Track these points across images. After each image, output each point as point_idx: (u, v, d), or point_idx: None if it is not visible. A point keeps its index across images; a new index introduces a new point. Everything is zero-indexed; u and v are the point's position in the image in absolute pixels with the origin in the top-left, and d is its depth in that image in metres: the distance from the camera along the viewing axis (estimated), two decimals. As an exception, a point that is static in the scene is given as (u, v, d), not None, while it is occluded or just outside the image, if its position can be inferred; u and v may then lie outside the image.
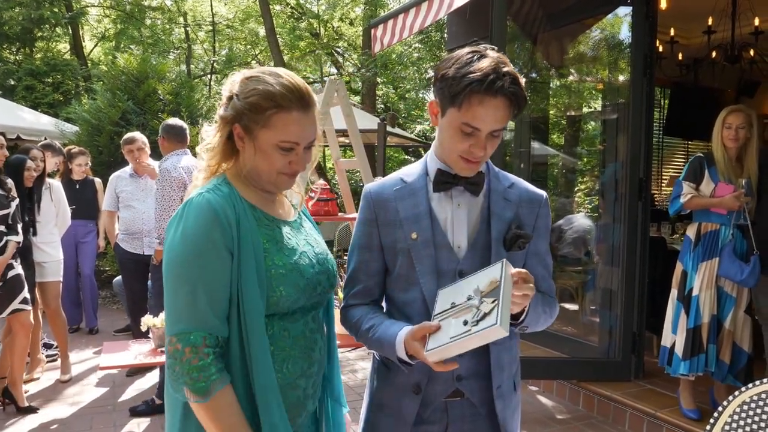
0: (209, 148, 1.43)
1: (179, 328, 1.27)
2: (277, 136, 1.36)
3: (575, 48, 5.52)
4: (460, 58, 1.40)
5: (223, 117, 1.40)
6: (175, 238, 1.31)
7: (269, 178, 1.42)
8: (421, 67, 15.49)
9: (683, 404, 3.59)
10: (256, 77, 1.38)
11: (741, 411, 1.87)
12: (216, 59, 19.34)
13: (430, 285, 1.47)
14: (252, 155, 1.39)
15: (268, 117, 1.34)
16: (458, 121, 1.40)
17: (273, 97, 1.35)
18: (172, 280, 1.30)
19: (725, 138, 3.47)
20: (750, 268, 3.35)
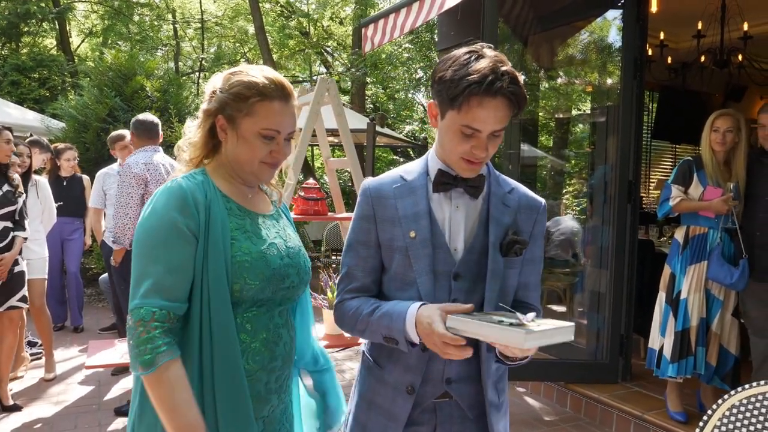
0: (191, 143, 1.49)
1: (133, 304, 1.32)
2: (259, 124, 1.42)
3: (566, 50, 5.53)
4: (458, 59, 1.38)
5: (206, 110, 1.47)
6: (143, 218, 1.39)
7: (251, 167, 1.46)
8: (411, 68, 15.49)
9: (670, 407, 3.61)
10: (239, 71, 1.46)
11: (730, 414, 1.87)
12: (204, 57, 19.21)
13: (427, 285, 1.46)
14: (234, 145, 1.45)
15: (251, 105, 1.41)
16: (458, 123, 1.39)
17: (256, 86, 1.42)
18: (134, 259, 1.37)
19: (713, 142, 3.50)
20: (739, 272, 3.37)
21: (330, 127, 4.19)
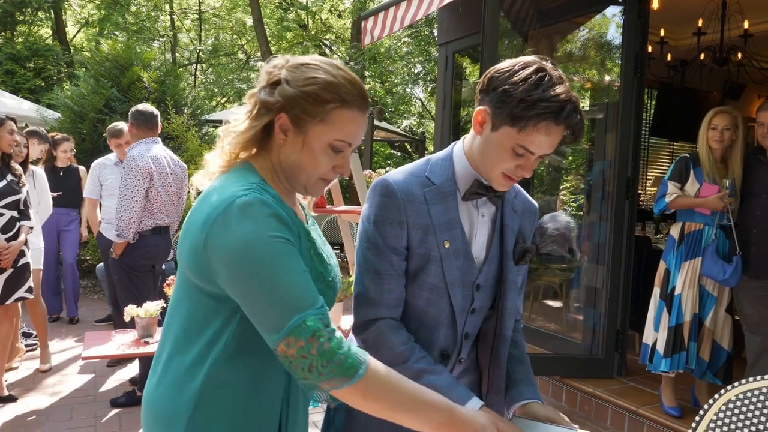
0: (239, 133, 1.25)
1: (289, 325, 1.09)
2: (332, 134, 1.22)
3: (566, 46, 5.53)
4: (528, 78, 1.29)
5: (266, 102, 1.22)
6: (237, 240, 1.11)
7: (308, 180, 1.27)
8: (409, 62, 15.46)
9: (664, 401, 3.63)
10: (313, 65, 1.24)
11: (726, 410, 1.88)
12: (202, 48, 19.14)
13: (458, 297, 1.42)
14: (295, 151, 1.24)
15: (328, 111, 1.21)
16: (513, 142, 1.32)
17: (336, 89, 1.21)
18: (255, 288, 1.11)
19: (711, 139, 3.50)
20: (732, 269, 3.39)
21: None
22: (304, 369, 1.09)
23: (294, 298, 1.10)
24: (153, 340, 3.02)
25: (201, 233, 1.15)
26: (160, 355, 1.29)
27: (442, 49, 5.80)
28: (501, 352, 1.51)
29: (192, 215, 1.21)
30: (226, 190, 1.17)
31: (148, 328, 3.03)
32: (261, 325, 1.12)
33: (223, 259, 1.13)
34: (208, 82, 18.58)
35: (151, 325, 3.04)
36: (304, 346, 1.08)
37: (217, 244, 1.13)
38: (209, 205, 1.16)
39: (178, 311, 1.27)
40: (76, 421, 3.70)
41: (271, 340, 1.11)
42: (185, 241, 1.21)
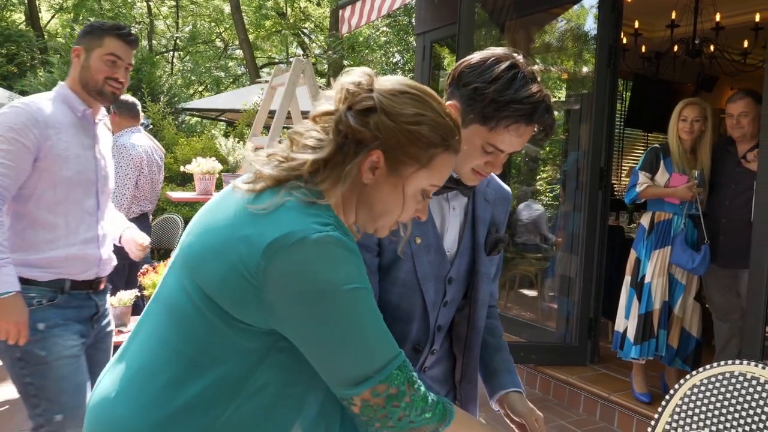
0: (316, 158, 1.03)
1: (382, 373, 1.00)
2: (430, 180, 1.09)
3: (542, 37, 5.57)
4: (499, 76, 1.26)
5: (359, 134, 1.02)
6: (318, 283, 0.96)
7: (386, 223, 1.12)
8: (388, 51, 15.43)
9: (635, 388, 3.70)
10: (415, 95, 1.06)
11: (691, 394, 1.93)
12: (179, 36, 18.91)
13: (431, 291, 1.41)
14: (385, 194, 1.07)
15: (431, 156, 1.06)
16: (483, 140, 1.30)
17: (444, 131, 1.07)
18: (338, 334, 0.99)
19: (680, 130, 3.56)
20: (701, 257, 3.46)
21: (306, 110, 4.17)
22: (391, 418, 1.00)
23: (381, 347, 1.01)
24: (126, 329, 3.01)
25: (260, 258, 0.95)
26: (131, 366, 1.10)
27: (419, 39, 5.80)
28: (474, 343, 1.52)
29: (234, 228, 1.01)
30: (297, 217, 0.98)
31: (121, 317, 3.01)
32: (339, 373, 1.00)
33: (292, 297, 0.96)
34: (186, 70, 18.38)
35: (124, 314, 3.03)
36: (397, 394, 1.00)
37: (286, 278, 0.95)
38: (275, 227, 0.97)
39: (171, 328, 1.06)
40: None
41: (350, 390, 0.99)
42: (216, 256, 1.01)
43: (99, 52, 2.11)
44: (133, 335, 1.15)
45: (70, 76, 2.18)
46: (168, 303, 1.08)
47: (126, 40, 2.15)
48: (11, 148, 1.96)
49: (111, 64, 2.12)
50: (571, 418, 3.79)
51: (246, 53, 14.89)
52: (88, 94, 2.14)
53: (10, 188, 1.97)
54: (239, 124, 7.64)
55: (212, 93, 17.19)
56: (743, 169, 3.47)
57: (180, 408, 1.02)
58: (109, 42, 2.12)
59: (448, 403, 1.07)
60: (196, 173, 3.39)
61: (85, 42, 2.13)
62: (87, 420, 1.13)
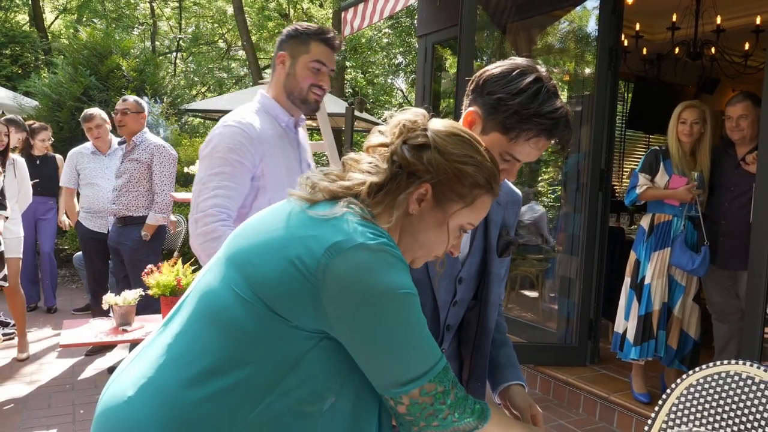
0: (371, 182, 1.10)
1: (432, 371, 1.04)
2: (469, 218, 1.16)
3: (544, 39, 5.59)
4: (525, 89, 1.29)
5: (413, 165, 1.10)
6: (377, 284, 1.00)
7: (425, 256, 1.20)
8: (390, 53, 15.47)
9: (635, 388, 3.73)
10: (466, 138, 1.15)
11: (688, 393, 1.96)
12: (182, 37, 18.96)
13: (441, 291, 1.44)
14: (428, 227, 1.14)
15: (475, 196, 1.14)
16: (502, 149, 1.33)
17: (488, 173, 1.15)
18: (392, 332, 1.02)
19: (680, 132, 3.59)
20: (701, 259, 3.48)
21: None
22: (437, 416, 1.05)
23: (430, 348, 1.06)
24: (131, 328, 3.04)
25: (321, 257, 0.99)
26: (156, 360, 1.09)
27: (421, 41, 5.83)
28: (484, 343, 1.54)
29: (292, 230, 1.05)
30: (357, 225, 1.03)
31: (126, 316, 3.04)
32: (391, 373, 1.03)
33: (349, 298, 1.00)
34: (188, 71, 18.43)
35: (129, 313, 3.05)
36: (444, 392, 1.05)
37: (344, 279, 0.99)
38: (337, 231, 1.01)
39: (207, 324, 1.07)
40: (54, 409, 3.71)
41: (400, 389, 1.03)
42: (272, 253, 1.04)
43: (305, 59, 2.00)
44: (161, 330, 1.15)
45: (273, 84, 2.08)
46: (206, 298, 1.09)
47: (331, 45, 2.04)
48: (234, 170, 1.93)
49: (316, 71, 2.02)
50: (571, 418, 3.81)
51: (249, 54, 14.93)
52: (292, 103, 2.06)
53: (235, 210, 1.94)
54: (242, 125, 7.66)
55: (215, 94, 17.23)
56: (742, 172, 3.49)
57: (207, 403, 1.02)
58: (314, 47, 2.01)
59: (484, 403, 1.12)
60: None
61: (290, 48, 2.02)
62: (100, 419, 1.11)
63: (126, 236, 4.09)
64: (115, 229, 4.20)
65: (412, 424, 1.05)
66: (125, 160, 4.13)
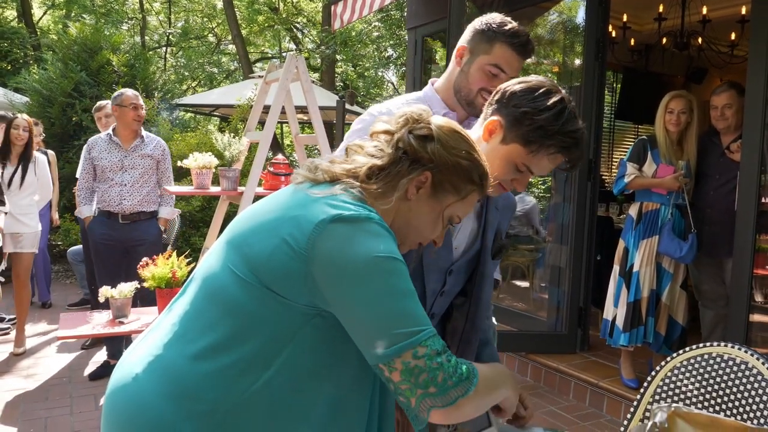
0: (372, 164, 1.17)
1: (424, 333, 1.04)
2: (459, 212, 1.24)
3: (532, 31, 5.63)
4: (551, 107, 1.36)
5: (417, 152, 1.17)
6: (366, 251, 1.05)
7: (413, 241, 1.25)
8: (380, 46, 15.47)
9: (623, 374, 3.80)
10: (467, 139, 1.23)
11: (672, 375, 2.02)
12: (172, 31, 18.88)
13: (432, 281, 1.49)
14: (422, 213, 1.21)
15: (469, 191, 1.22)
16: (519, 160, 1.39)
17: (483, 174, 1.23)
18: (384, 294, 1.05)
19: (667, 122, 3.65)
20: (688, 246, 3.55)
21: (299, 104, 4.23)
22: (433, 381, 1.03)
23: (420, 313, 1.07)
24: (127, 320, 3.08)
25: (310, 232, 1.05)
26: (162, 337, 1.15)
27: (411, 34, 5.86)
28: (472, 339, 1.59)
29: (287, 210, 1.11)
30: (349, 203, 1.10)
31: (122, 308, 3.08)
32: (379, 332, 1.04)
33: (337, 265, 1.04)
34: (179, 66, 18.37)
35: (125, 305, 3.09)
36: (436, 353, 1.04)
37: (332, 250, 1.04)
38: (328, 209, 1.07)
39: (209, 301, 1.13)
40: (52, 401, 3.74)
41: (391, 351, 1.03)
42: (266, 232, 1.10)
43: (483, 59, 1.75)
44: (166, 312, 1.22)
45: (444, 75, 1.89)
46: (208, 279, 1.15)
47: (520, 51, 1.76)
48: None
49: (491, 76, 1.75)
50: (562, 404, 3.88)
51: (239, 48, 14.90)
52: (457, 101, 1.84)
53: None
54: (233, 120, 7.68)
55: (206, 88, 17.19)
56: (727, 160, 3.56)
57: (210, 376, 1.07)
58: (498, 49, 1.74)
59: (469, 363, 1.11)
60: (192, 168, 3.46)
61: (472, 43, 1.79)
62: (110, 399, 1.16)
63: (144, 232, 4.06)
64: (122, 226, 4.02)
65: (410, 394, 1.03)
66: (132, 156, 4.03)
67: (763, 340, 3.71)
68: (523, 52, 1.75)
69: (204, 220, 6.76)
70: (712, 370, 1.91)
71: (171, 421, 1.06)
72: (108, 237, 4.04)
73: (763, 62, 3.15)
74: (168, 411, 1.07)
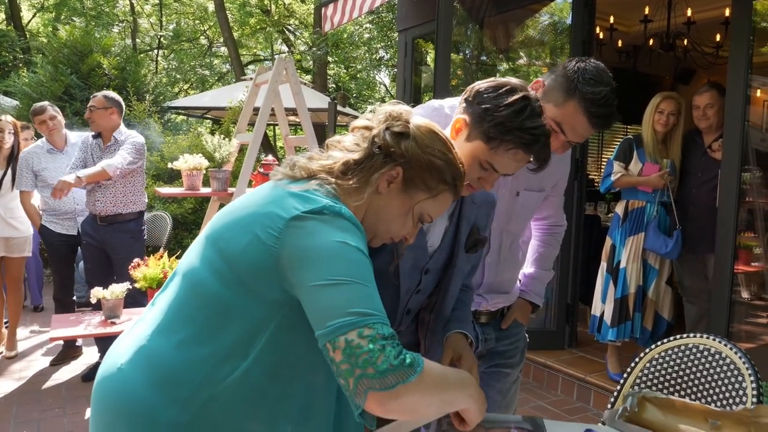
0: (347, 159, 1.21)
1: (374, 315, 1.03)
2: (430, 210, 1.26)
3: (521, 33, 5.70)
4: (512, 103, 1.38)
5: (390, 147, 1.21)
6: (332, 240, 1.08)
7: (383, 236, 1.27)
8: (372, 48, 15.53)
9: (610, 369, 3.86)
10: (442, 137, 1.26)
11: (650, 366, 2.08)
12: (163, 34, 18.87)
13: (407, 279, 1.51)
14: (392, 208, 1.24)
15: (440, 190, 1.25)
16: (482, 157, 1.41)
17: (456, 175, 1.26)
18: (343, 275, 1.06)
19: (656, 122, 3.71)
20: (673, 242, 3.62)
21: (288, 106, 4.28)
22: (372, 362, 0.99)
23: (374, 300, 1.07)
24: (119, 320, 3.11)
25: (282, 227, 1.08)
26: (146, 330, 1.20)
27: (401, 35, 5.91)
28: (437, 329, 1.62)
29: (261, 207, 1.14)
30: (315, 197, 1.13)
31: (114, 309, 3.11)
32: (329, 307, 1.04)
33: (301, 249, 1.07)
34: (170, 69, 18.36)
35: (117, 306, 3.13)
36: (380, 338, 1.01)
37: (300, 238, 1.08)
38: (300, 205, 1.11)
39: (188, 294, 1.18)
40: (45, 404, 3.76)
41: (337, 324, 1.02)
42: (241, 227, 1.13)
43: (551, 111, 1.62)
44: (150, 306, 1.27)
45: None
46: (188, 274, 1.20)
47: (596, 122, 1.64)
48: None
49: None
50: (550, 399, 3.94)
51: (230, 51, 14.90)
52: None
53: None
54: (225, 122, 7.72)
55: (197, 91, 17.20)
56: (709, 159, 3.63)
57: (192, 364, 1.12)
58: (571, 107, 1.63)
59: (416, 354, 1.08)
60: (183, 169, 3.50)
61: (550, 83, 1.68)
62: (97, 389, 1.20)
63: (114, 234, 3.97)
64: (96, 227, 3.98)
65: (348, 374, 1.00)
66: (104, 156, 3.92)
67: (746, 335, 3.79)
68: (599, 124, 1.66)
69: (196, 222, 6.79)
70: (689, 360, 1.96)
71: (155, 407, 1.11)
72: (62, 237, 4.29)
73: (743, 63, 3.22)
74: (152, 397, 1.12)
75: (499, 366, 1.97)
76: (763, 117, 4.20)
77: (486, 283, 1.87)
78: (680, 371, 1.97)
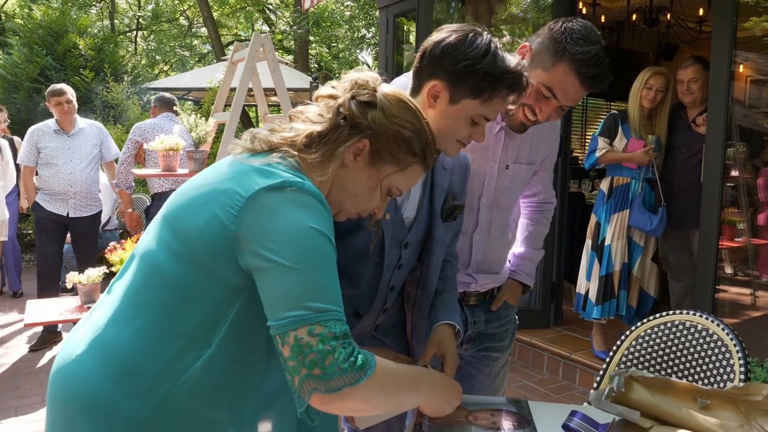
0: (310, 131, 1.13)
1: (329, 311, 0.99)
2: (398, 184, 1.21)
3: (504, 9, 5.62)
4: (486, 51, 1.33)
5: (356, 118, 1.14)
6: (295, 222, 1.02)
7: (350, 210, 1.22)
8: (353, 26, 15.33)
9: (595, 346, 3.86)
10: (412, 107, 1.19)
11: (636, 344, 2.05)
12: (142, 14, 18.52)
13: (390, 256, 1.47)
14: (360, 181, 1.18)
15: (409, 163, 1.19)
16: (475, 113, 1.37)
17: (426, 146, 1.20)
18: (302, 266, 1.00)
19: (644, 98, 3.65)
20: (658, 219, 3.60)
21: (267, 86, 4.18)
22: (319, 363, 0.96)
23: (331, 293, 1.01)
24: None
25: (241, 206, 1.02)
26: (101, 319, 1.13)
27: (382, 13, 5.80)
28: (423, 304, 1.57)
29: (219, 183, 1.07)
30: (283, 172, 1.06)
31: (90, 294, 3.05)
32: (282, 297, 0.99)
33: (261, 227, 1.01)
34: (150, 50, 18.05)
35: (93, 290, 3.06)
36: (332, 337, 0.97)
37: (260, 216, 1.02)
38: (256, 179, 1.04)
39: (146, 279, 1.11)
40: (23, 390, 3.70)
41: (288, 317, 0.97)
42: (198, 207, 1.07)
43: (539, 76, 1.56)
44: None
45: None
46: (144, 257, 1.12)
47: (588, 83, 1.59)
48: None
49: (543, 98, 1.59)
50: (535, 378, 3.93)
51: (211, 31, 14.65)
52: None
53: None
54: (205, 102, 7.59)
55: (178, 72, 16.93)
56: (693, 133, 3.60)
57: (151, 353, 1.05)
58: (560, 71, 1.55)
59: (370, 354, 1.04)
60: (159, 150, 3.41)
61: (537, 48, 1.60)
62: (52, 380, 1.14)
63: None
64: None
65: (294, 372, 0.97)
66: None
67: (730, 310, 3.80)
68: (590, 86, 1.59)
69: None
70: (675, 338, 1.94)
71: (112, 399, 1.05)
72: (51, 215, 4.46)
73: (726, 36, 3.17)
74: (109, 389, 1.05)
75: (488, 350, 1.92)
76: (746, 92, 4.18)
77: (474, 261, 1.81)
78: (667, 349, 1.94)
